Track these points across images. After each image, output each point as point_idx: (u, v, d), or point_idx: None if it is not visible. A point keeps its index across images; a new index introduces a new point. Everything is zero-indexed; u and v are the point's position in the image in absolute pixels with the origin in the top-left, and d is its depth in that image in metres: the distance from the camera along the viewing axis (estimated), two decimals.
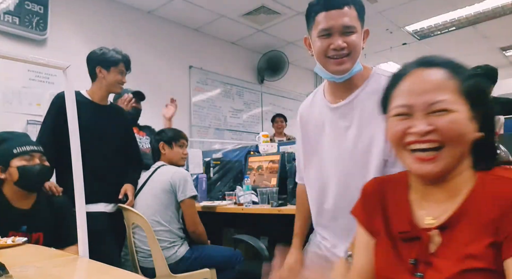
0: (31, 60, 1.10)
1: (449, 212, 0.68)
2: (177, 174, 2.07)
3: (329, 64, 1.11)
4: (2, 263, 0.82)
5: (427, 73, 0.70)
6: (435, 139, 0.66)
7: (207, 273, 2.03)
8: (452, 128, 0.66)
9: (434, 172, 0.68)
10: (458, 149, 0.67)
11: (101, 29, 3.78)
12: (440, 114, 0.66)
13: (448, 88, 0.68)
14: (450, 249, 0.66)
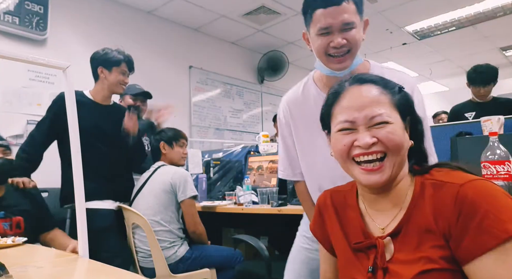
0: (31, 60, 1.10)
1: (396, 221, 0.73)
2: (177, 175, 2.07)
3: (330, 62, 1.11)
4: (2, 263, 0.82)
5: (363, 90, 0.76)
6: (378, 150, 0.72)
7: (207, 273, 2.03)
8: (392, 138, 0.71)
9: (381, 182, 0.72)
10: (398, 157, 0.73)
11: (101, 29, 3.78)
12: (380, 127, 0.72)
13: (383, 102, 0.74)
14: (403, 254, 0.70)
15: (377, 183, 0.73)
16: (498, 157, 1.25)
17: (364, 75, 0.80)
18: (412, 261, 0.68)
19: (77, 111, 1.91)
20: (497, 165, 1.25)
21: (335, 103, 0.79)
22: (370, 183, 0.73)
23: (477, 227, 0.62)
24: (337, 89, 0.81)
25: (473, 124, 1.92)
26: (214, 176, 2.99)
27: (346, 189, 0.87)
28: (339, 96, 0.79)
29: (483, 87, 2.79)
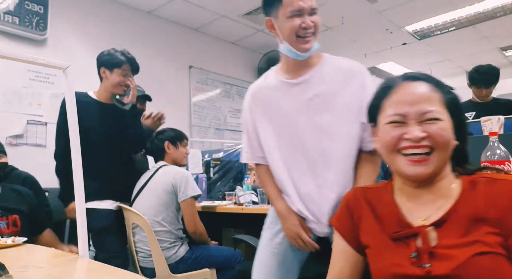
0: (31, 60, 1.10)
1: (442, 211, 0.74)
2: (179, 175, 2.07)
3: (299, 42, 1.23)
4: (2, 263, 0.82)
5: (416, 86, 0.79)
6: (427, 145, 0.74)
7: (207, 273, 2.04)
8: (442, 135, 0.74)
9: (426, 173, 0.75)
10: (445, 154, 0.75)
11: (101, 29, 3.78)
12: (431, 123, 0.75)
13: (435, 100, 0.77)
14: (450, 240, 0.71)
15: (423, 174, 0.75)
16: (498, 157, 1.26)
17: (417, 73, 0.82)
18: (463, 244, 0.69)
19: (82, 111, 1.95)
20: (497, 165, 1.25)
21: (386, 97, 0.82)
22: (416, 173, 0.75)
23: None
24: (388, 83, 0.84)
25: (473, 124, 1.92)
26: (214, 176, 2.99)
27: (380, 186, 0.88)
28: (391, 90, 0.81)
29: (485, 88, 2.78)
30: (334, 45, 5.36)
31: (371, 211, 0.84)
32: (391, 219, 0.80)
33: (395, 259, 0.75)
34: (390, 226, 0.79)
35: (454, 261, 0.68)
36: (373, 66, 6.36)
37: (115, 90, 2.09)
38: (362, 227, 0.84)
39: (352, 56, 6.58)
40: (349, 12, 4.28)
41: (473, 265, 0.67)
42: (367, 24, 4.62)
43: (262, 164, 1.38)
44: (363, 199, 0.87)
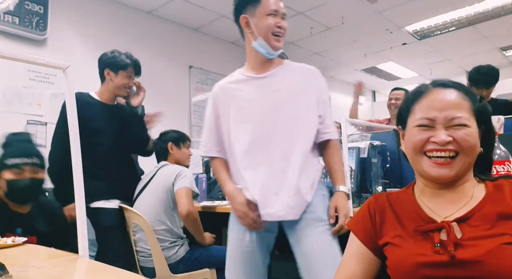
0: (31, 60, 1.10)
1: (466, 209, 0.78)
2: (179, 171, 2.09)
3: (274, 40, 1.38)
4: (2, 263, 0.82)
5: (446, 93, 0.82)
6: (452, 149, 0.77)
7: (207, 273, 2.04)
8: (467, 140, 0.77)
9: (449, 176, 0.78)
10: (469, 159, 0.78)
11: (101, 29, 3.78)
12: (458, 128, 0.78)
13: (464, 107, 0.79)
14: (475, 233, 0.74)
15: (446, 177, 0.78)
16: (498, 157, 1.26)
17: (447, 80, 0.85)
18: (489, 236, 0.72)
19: (86, 112, 1.96)
20: (497, 165, 1.25)
21: (416, 101, 0.85)
22: (439, 175, 0.78)
23: None
24: (420, 89, 0.87)
25: None
26: (214, 176, 2.99)
27: (400, 191, 0.92)
28: (422, 95, 0.85)
29: (485, 89, 2.78)
30: (334, 45, 5.36)
31: (393, 212, 0.87)
32: (413, 217, 0.82)
33: (418, 249, 0.77)
34: (411, 222, 0.82)
35: (481, 248, 0.70)
36: (373, 66, 6.37)
37: (119, 92, 2.10)
38: (384, 229, 0.86)
39: (352, 56, 6.61)
40: (349, 12, 4.28)
41: (499, 253, 0.69)
42: (367, 24, 4.62)
43: (218, 157, 1.48)
44: (386, 203, 0.89)
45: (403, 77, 7.01)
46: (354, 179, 2.16)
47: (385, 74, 6.89)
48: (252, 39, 1.41)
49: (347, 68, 6.48)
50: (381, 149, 2.35)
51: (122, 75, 2.07)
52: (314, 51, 5.60)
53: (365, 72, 6.70)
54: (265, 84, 1.41)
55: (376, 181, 2.24)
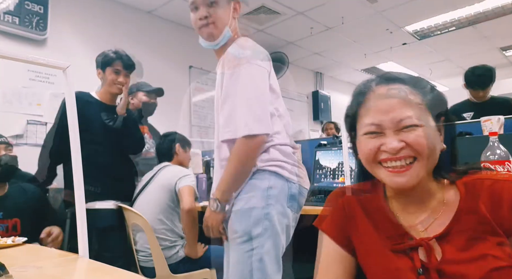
0: (31, 60, 1.10)
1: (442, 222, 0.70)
2: (182, 172, 2.10)
3: (201, 33, 1.31)
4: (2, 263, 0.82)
5: (390, 90, 0.71)
6: (407, 155, 0.68)
7: (207, 273, 2.03)
8: (421, 143, 0.67)
9: (408, 185, 0.69)
10: (429, 161, 0.69)
11: (101, 29, 3.78)
12: (409, 130, 0.68)
13: (413, 103, 0.69)
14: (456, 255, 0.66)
15: (404, 186, 0.69)
16: (498, 157, 1.26)
17: (392, 74, 0.75)
18: (471, 259, 0.64)
19: (86, 110, 1.96)
20: (497, 165, 1.25)
21: (361, 104, 0.74)
22: (397, 185, 0.70)
23: None
24: (362, 89, 0.75)
25: (473, 124, 1.92)
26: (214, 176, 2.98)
27: (368, 187, 0.82)
28: (364, 96, 0.74)
29: (481, 90, 2.78)
30: (334, 45, 5.36)
31: (366, 215, 0.79)
32: (388, 226, 0.75)
33: (400, 273, 0.70)
34: (387, 233, 0.74)
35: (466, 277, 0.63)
36: (373, 66, 6.37)
37: (111, 90, 2.09)
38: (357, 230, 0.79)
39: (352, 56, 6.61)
40: (349, 12, 4.28)
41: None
42: (367, 24, 4.62)
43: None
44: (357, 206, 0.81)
45: None
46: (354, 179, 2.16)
47: None
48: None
49: (347, 68, 6.48)
50: None
51: (109, 71, 2.06)
52: (314, 51, 5.60)
53: (365, 72, 6.70)
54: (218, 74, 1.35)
55: None
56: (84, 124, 1.30)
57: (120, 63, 2.07)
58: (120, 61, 2.07)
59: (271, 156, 1.22)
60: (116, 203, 2.05)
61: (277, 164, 1.21)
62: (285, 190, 1.21)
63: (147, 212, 1.98)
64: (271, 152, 1.22)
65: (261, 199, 1.16)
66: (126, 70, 2.10)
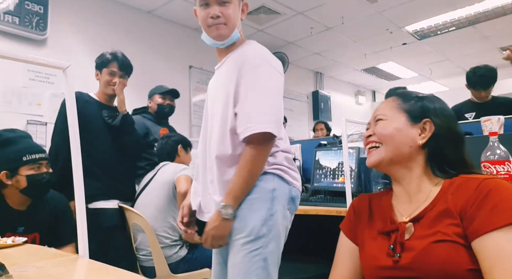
0: (31, 60, 1.10)
1: (421, 209, 0.85)
2: (180, 167, 2.11)
3: (210, 31, 1.25)
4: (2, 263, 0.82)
5: (385, 101, 0.97)
6: (373, 140, 0.92)
7: (207, 273, 2.04)
8: (380, 131, 0.91)
9: (369, 164, 0.92)
10: (390, 148, 0.89)
11: (101, 29, 3.78)
12: (377, 123, 0.93)
13: (390, 107, 0.93)
14: (420, 233, 0.82)
15: (368, 164, 0.92)
16: (498, 157, 1.26)
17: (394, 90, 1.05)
18: (427, 236, 0.79)
19: (86, 110, 1.96)
20: (497, 165, 1.25)
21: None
22: (367, 162, 0.93)
23: (491, 209, 0.73)
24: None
25: (473, 124, 1.92)
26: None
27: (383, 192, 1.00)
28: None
29: (483, 90, 2.77)
30: (334, 45, 5.36)
31: (369, 213, 0.96)
32: (382, 219, 0.92)
33: (376, 252, 0.87)
34: (380, 224, 0.91)
35: (415, 250, 0.79)
36: (373, 66, 6.37)
37: (106, 91, 2.09)
38: (359, 230, 0.96)
39: (352, 56, 6.60)
40: (349, 12, 4.29)
41: (429, 253, 0.76)
42: (367, 24, 4.62)
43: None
44: (366, 203, 0.98)
45: (403, 77, 7.01)
46: (354, 179, 2.16)
47: (385, 74, 6.90)
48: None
49: (347, 68, 6.48)
50: None
51: (105, 72, 2.07)
52: (314, 51, 5.60)
53: (365, 72, 6.70)
54: (215, 78, 1.32)
55: (376, 181, 2.24)
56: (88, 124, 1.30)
57: (116, 64, 2.08)
58: (116, 62, 2.07)
59: (276, 160, 1.21)
60: (119, 203, 2.06)
61: (281, 168, 1.21)
62: (287, 193, 1.21)
63: (147, 211, 1.99)
64: (277, 157, 1.21)
65: (267, 201, 1.16)
66: (122, 71, 2.10)
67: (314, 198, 2.26)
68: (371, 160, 0.91)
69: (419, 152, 0.88)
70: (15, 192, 1.58)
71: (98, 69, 2.10)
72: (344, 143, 1.97)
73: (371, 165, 0.92)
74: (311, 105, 6.42)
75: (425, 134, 0.88)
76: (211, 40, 1.27)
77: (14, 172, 1.57)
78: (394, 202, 0.93)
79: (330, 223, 2.23)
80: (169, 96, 2.65)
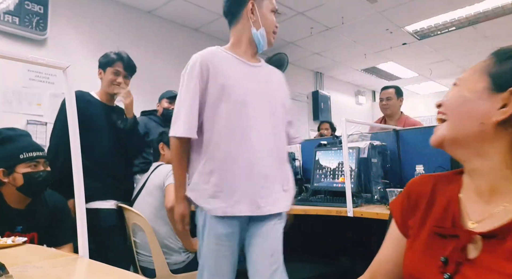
0: (31, 60, 1.10)
1: (499, 220, 0.60)
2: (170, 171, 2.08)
3: (272, 36, 1.50)
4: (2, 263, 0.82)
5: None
6: (440, 111, 0.70)
7: None
8: (446, 101, 0.69)
9: (431, 141, 0.71)
10: (456, 123, 0.67)
11: (101, 29, 3.78)
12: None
13: (474, 69, 0.69)
14: (489, 260, 0.59)
15: (430, 142, 0.71)
16: None
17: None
18: (499, 272, 0.56)
19: (87, 109, 1.96)
20: None
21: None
22: (430, 141, 0.72)
23: None
24: None
25: None
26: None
27: (450, 175, 0.76)
28: None
29: None
30: (334, 45, 5.36)
31: (428, 202, 0.73)
32: (443, 213, 0.69)
33: (423, 259, 0.67)
34: (438, 218, 0.69)
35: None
36: (373, 66, 6.37)
37: (108, 90, 2.09)
38: (415, 214, 0.75)
39: (352, 56, 6.60)
40: (349, 12, 4.28)
41: None
42: (367, 24, 4.62)
43: (187, 138, 1.34)
44: (429, 188, 0.75)
45: (403, 77, 7.01)
46: (354, 179, 2.16)
47: (385, 74, 6.90)
48: (254, 27, 1.43)
49: (347, 68, 6.48)
50: (381, 149, 2.35)
51: (109, 71, 2.07)
52: (314, 51, 5.60)
53: (365, 72, 6.70)
54: (258, 73, 1.46)
55: (376, 181, 2.24)
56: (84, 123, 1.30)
57: (121, 64, 2.08)
58: (121, 62, 2.08)
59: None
60: (117, 203, 2.06)
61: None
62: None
63: (144, 212, 1.99)
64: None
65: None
66: (126, 71, 2.11)
67: (314, 198, 2.26)
68: (432, 138, 0.70)
69: (498, 134, 0.61)
70: (12, 190, 1.59)
71: (102, 68, 2.09)
72: (344, 143, 1.97)
73: (432, 145, 0.70)
74: (311, 105, 6.42)
75: (508, 108, 0.60)
76: (265, 42, 1.47)
77: (11, 170, 1.58)
78: (463, 195, 0.69)
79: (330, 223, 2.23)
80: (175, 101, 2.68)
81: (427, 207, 0.73)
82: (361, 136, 2.46)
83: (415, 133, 2.41)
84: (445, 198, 0.71)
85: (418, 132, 2.42)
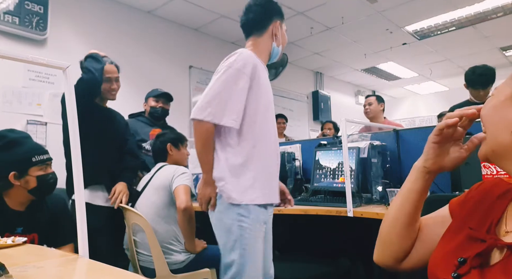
0: (31, 60, 1.10)
1: None
2: (178, 170, 2.09)
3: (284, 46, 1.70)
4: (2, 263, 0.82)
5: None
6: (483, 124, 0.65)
7: (207, 273, 2.04)
8: (485, 113, 0.64)
9: (479, 156, 0.66)
10: (491, 135, 0.62)
11: (101, 29, 3.78)
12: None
13: (509, 77, 0.65)
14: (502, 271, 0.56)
15: (479, 156, 0.65)
16: None
17: None
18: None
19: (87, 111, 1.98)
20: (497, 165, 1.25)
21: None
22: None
23: None
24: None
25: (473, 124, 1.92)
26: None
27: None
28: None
29: (482, 89, 2.77)
30: (334, 45, 5.36)
31: (476, 203, 0.70)
32: (484, 217, 0.66)
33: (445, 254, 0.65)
34: (476, 222, 0.66)
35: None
36: (373, 66, 6.37)
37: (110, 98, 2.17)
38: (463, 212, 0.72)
39: (352, 56, 6.59)
40: (349, 12, 4.29)
41: None
42: (367, 24, 4.62)
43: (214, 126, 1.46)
44: (488, 190, 0.71)
45: (403, 77, 7.01)
46: (354, 179, 2.16)
47: (385, 74, 6.90)
48: (275, 43, 1.63)
49: (347, 68, 6.48)
50: (381, 149, 2.35)
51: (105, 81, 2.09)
52: (314, 51, 5.60)
53: (365, 72, 6.70)
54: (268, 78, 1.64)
55: (376, 181, 2.24)
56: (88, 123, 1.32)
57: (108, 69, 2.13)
58: None
59: None
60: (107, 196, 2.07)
61: None
62: None
63: (147, 213, 1.98)
64: None
65: None
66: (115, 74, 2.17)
67: (314, 198, 2.26)
68: (479, 153, 0.66)
69: None
70: (22, 192, 1.58)
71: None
72: (344, 143, 1.97)
73: (481, 159, 0.66)
74: (311, 105, 6.42)
75: None
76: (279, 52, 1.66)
77: (24, 173, 1.57)
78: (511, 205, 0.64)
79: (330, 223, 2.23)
80: (162, 99, 2.74)
81: (473, 208, 0.70)
82: (361, 136, 2.46)
83: (415, 133, 2.41)
84: (496, 205, 0.67)
85: (418, 132, 2.42)
